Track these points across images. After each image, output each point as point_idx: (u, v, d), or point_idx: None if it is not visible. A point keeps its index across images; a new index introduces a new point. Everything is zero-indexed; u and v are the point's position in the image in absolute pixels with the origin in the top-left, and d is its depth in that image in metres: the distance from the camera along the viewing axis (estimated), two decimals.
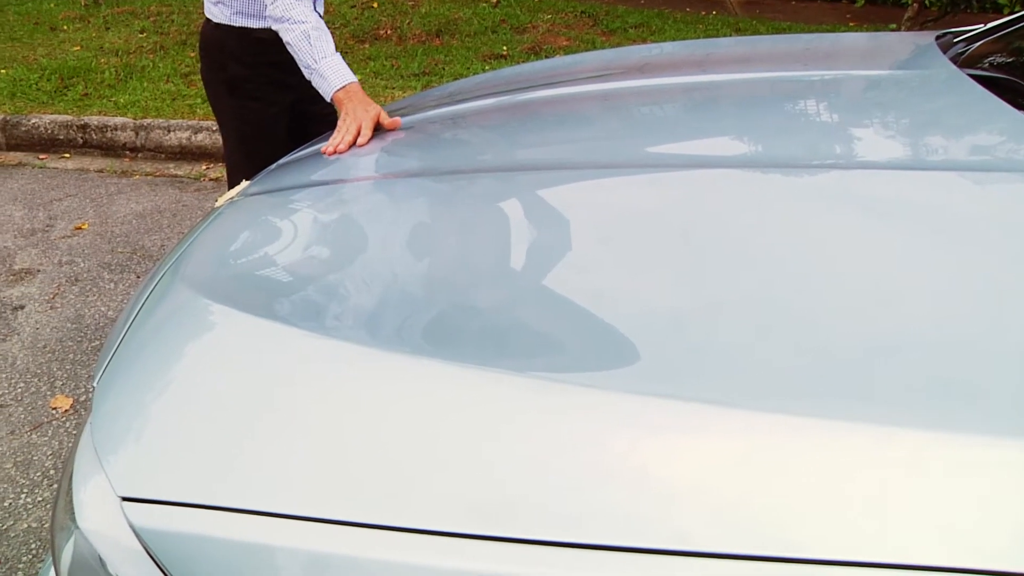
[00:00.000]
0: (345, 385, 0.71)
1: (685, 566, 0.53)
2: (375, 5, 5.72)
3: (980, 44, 1.44)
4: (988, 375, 0.60)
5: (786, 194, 0.93)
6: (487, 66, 4.54)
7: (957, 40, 1.52)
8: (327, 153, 1.37)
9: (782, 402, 0.60)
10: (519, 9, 5.71)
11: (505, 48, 4.89)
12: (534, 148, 1.23)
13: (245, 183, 1.39)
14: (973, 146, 1.01)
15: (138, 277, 2.66)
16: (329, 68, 1.52)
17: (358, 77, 1.60)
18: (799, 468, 0.55)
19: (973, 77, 1.19)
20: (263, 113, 1.87)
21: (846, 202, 0.87)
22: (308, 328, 0.79)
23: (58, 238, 2.94)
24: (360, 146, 1.38)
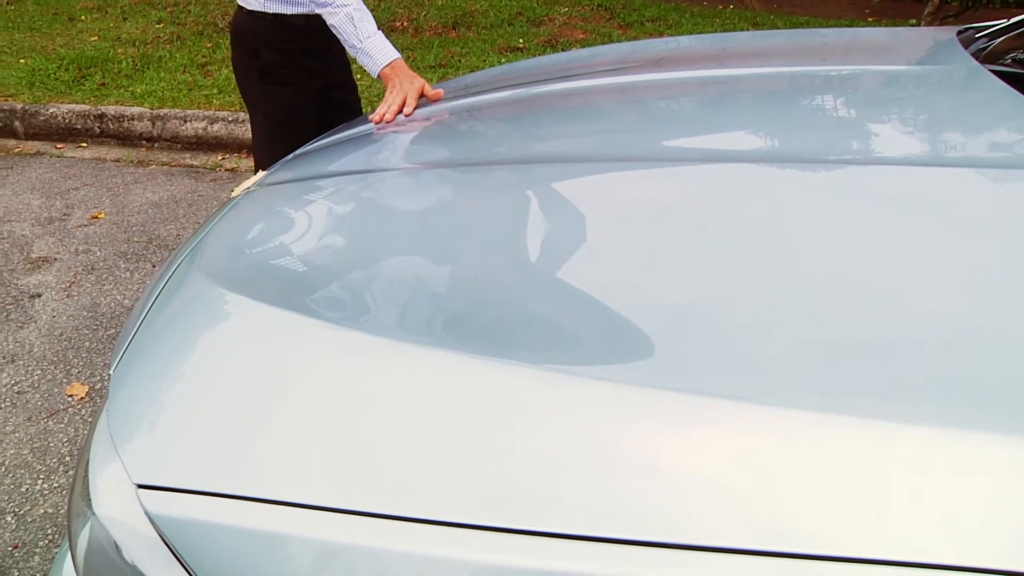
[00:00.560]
0: (360, 376, 0.71)
1: (698, 560, 0.53)
2: None
3: (1002, 40, 1.42)
4: (1013, 373, 0.59)
5: (802, 190, 0.92)
6: (503, 59, 4.53)
7: (979, 36, 1.50)
8: (374, 121, 1.48)
9: (798, 397, 0.59)
10: (536, 2, 5.69)
11: (521, 41, 4.88)
12: (550, 141, 1.22)
13: (262, 173, 1.40)
14: (994, 143, 1.00)
15: (154, 266, 2.67)
16: (374, 47, 1.63)
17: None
18: (814, 464, 0.55)
19: (995, 73, 1.18)
20: (295, 99, 1.90)
21: (863, 198, 0.87)
22: (323, 318, 0.79)
23: (75, 227, 2.97)
24: (406, 115, 1.50)
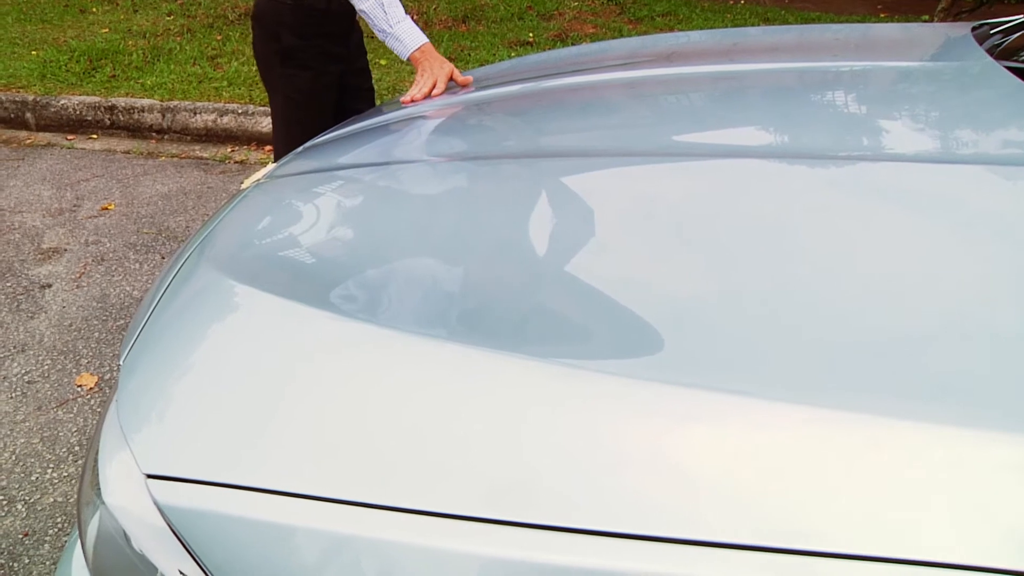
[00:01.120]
0: (369, 368, 0.71)
1: (705, 556, 0.53)
2: None
3: (1017, 36, 1.40)
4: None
5: (813, 186, 0.92)
6: (513, 53, 4.52)
7: (993, 32, 1.49)
8: (405, 102, 1.51)
9: (808, 393, 0.59)
10: None
11: (531, 35, 4.87)
12: (559, 135, 1.22)
13: (272, 165, 1.40)
14: (1008, 140, 0.99)
15: (163, 257, 2.68)
16: (404, 32, 1.65)
17: (383, 62, 1.65)
18: (823, 460, 0.55)
19: (1010, 69, 1.17)
20: (315, 82, 1.91)
21: (875, 195, 0.86)
22: (332, 310, 0.79)
23: (85, 218, 2.98)
24: (435, 97, 1.54)
